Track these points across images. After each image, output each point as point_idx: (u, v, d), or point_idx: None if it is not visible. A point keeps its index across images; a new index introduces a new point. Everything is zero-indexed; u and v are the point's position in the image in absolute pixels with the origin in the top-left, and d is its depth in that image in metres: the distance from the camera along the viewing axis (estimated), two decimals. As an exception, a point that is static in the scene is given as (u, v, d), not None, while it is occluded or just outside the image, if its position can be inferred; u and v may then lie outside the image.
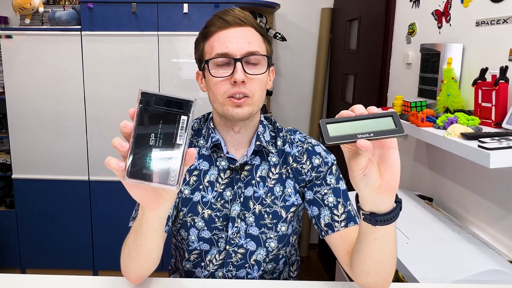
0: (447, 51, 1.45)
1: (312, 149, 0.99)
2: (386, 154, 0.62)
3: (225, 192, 0.96)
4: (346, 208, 0.93)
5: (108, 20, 2.37)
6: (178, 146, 0.53)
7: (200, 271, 1.00)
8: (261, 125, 0.98)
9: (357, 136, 0.57)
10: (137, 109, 0.53)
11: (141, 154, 0.52)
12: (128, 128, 0.53)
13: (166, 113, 0.53)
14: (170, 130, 0.53)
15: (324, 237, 0.93)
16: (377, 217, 0.67)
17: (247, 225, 0.96)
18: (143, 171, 0.52)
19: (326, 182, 0.96)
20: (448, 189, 1.55)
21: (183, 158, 0.53)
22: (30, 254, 2.65)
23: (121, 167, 0.53)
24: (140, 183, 0.53)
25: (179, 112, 0.53)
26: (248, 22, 0.90)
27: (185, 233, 0.98)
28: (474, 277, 1.05)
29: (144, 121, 0.53)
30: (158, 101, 0.53)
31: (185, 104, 0.53)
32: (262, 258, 0.97)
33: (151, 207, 0.63)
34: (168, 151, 0.53)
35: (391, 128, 0.58)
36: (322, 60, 2.89)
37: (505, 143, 1.00)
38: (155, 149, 0.53)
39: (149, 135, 0.53)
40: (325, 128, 0.57)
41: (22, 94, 2.46)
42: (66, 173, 2.53)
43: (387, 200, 0.66)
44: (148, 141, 0.53)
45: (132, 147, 0.52)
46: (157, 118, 0.53)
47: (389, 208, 0.67)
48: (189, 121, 0.53)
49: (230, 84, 0.87)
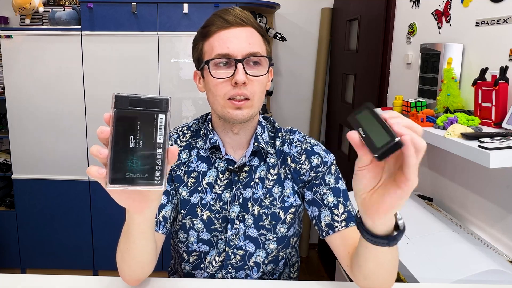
0: (447, 51, 1.45)
1: (311, 149, 0.98)
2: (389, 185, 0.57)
3: (224, 193, 0.96)
4: (346, 208, 0.92)
5: (108, 20, 2.37)
6: (159, 145, 0.52)
7: (200, 272, 0.99)
8: (259, 125, 0.97)
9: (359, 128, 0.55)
10: (112, 113, 0.52)
11: (122, 158, 0.51)
12: (105, 134, 0.51)
13: (143, 114, 0.52)
14: (149, 130, 0.52)
15: (324, 237, 0.92)
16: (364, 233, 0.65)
17: (246, 227, 0.95)
18: (126, 175, 0.51)
19: (325, 182, 0.95)
20: (448, 189, 1.55)
21: (166, 157, 0.52)
22: (30, 254, 2.65)
23: (101, 175, 0.51)
24: (124, 188, 0.51)
25: (156, 111, 0.52)
26: (249, 22, 0.89)
27: (183, 235, 0.97)
28: (474, 277, 1.05)
29: (121, 124, 0.51)
30: (133, 103, 0.52)
31: (161, 102, 0.52)
32: (261, 260, 0.97)
33: (138, 210, 0.61)
34: (150, 151, 0.52)
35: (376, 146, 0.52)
36: (322, 60, 2.89)
37: (505, 143, 1.00)
38: (135, 151, 0.51)
39: (127, 137, 0.51)
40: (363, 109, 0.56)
41: (22, 94, 2.46)
42: (66, 173, 2.53)
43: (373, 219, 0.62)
44: (128, 144, 0.51)
45: (111, 152, 0.51)
46: (135, 120, 0.51)
47: (379, 231, 0.64)
48: (167, 119, 0.52)
49: (231, 86, 0.86)
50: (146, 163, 0.51)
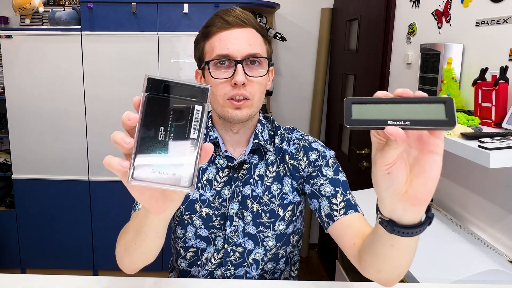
0: (447, 51, 1.45)
1: (309, 145, 0.99)
2: (423, 159, 0.50)
3: (223, 190, 0.97)
4: (345, 197, 0.91)
5: (108, 20, 2.37)
6: (192, 141, 0.45)
7: (197, 270, 1.00)
8: (259, 123, 0.98)
9: (387, 122, 0.45)
10: (142, 98, 0.44)
11: (149, 151, 0.44)
12: (133, 121, 0.44)
13: (178, 102, 0.45)
14: (183, 122, 0.45)
15: (327, 229, 0.91)
16: (395, 226, 0.57)
17: (245, 224, 0.96)
18: (151, 172, 0.44)
19: (322, 173, 0.95)
20: (448, 189, 1.55)
21: (198, 155, 0.45)
22: (30, 254, 2.65)
23: (124, 168, 0.45)
24: (148, 185, 0.45)
25: (192, 101, 0.45)
26: (250, 23, 0.90)
27: (181, 230, 0.98)
28: (474, 277, 1.05)
29: (151, 112, 0.44)
30: (167, 89, 0.45)
31: (200, 91, 0.45)
32: (260, 257, 0.97)
33: (158, 211, 0.54)
34: (181, 147, 0.45)
35: (439, 118, 0.44)
36: (322, 60, 2.89)
37: (505, 143, 1.00)
38: (165, 145, 0.44)
39: (157, 128, 0.44)
40: (349, 108, 0.47)
41: (22, 94, 2.46)
42: (66, 173, 2.53)
43: (411, 211, 0.54)
44: (157, 136, 0.44)
45: (137, 143, 0.44)
46: (167, 109, 0.44)
47: (413, 221, 0.56)
48: (204, 111, 0.45)
49: (231, 86, 0.87)
50: (175, 160, 0.45)
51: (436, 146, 0.49)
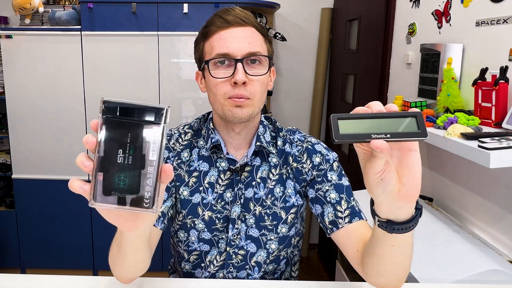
0: (447, 51, 1.45)
1: (312, 148, 0.98)
2: (405, 157, 0.56)
3: (225, 193, 0.95)
4: (349, 204, 0.91)
5: (108, 20, 2.37)
6: (151, 163, 0.45)
7: (200, 272, 0.99)
8: (261, 125, 0.97)
9: (371, 136, 0.51)
10: (100, 121, 0.45)
11: (109, 174, 0.45)
12: (90, 144, 0.45)
13: (135, 125, 0.45)
14: (141, 144, 0.45)
15: (330, 235, 0.91)
16: (395, 225, 0.62)
17: (248, 227, 0.95)
18: (111, 194, 0.45)
19: (327, 178, 0.94)
20: (448, 189, 1.55)
21: (158, 176, 0.46)
22: (30, 254, 2.65)
23: (85, 191, 0.46)
24: (109, 207, 0.45)
25: (150, 123, 0.45)
26: (249, 22, 0.89)
27: (184, 234, 0.97)
28: (474, 277, 1.05)
29: (109, 134, 0.45)
30: (124, 111, 0.45)
31: (157, 112, 0.45)
32: (262, 260, 0.97)
33: (129, 229, 0.55)
34: (140, 169, 0.45)
35: (413, 130, 0.51)
36: (322, 60, 2.89)
37: (505, 143, 1.00)
38: (124, 168, 0.45)
39: (116, 151, 0.45)
40: (336, 124, 0.52)
41: (22, 94, 2.46)
42: (66, 173, 2.53)
43: (406, 207, 0.60)
44: (116, 159, 0.44)
45: (97, 166, 0.45)
46: (125, 131, 0.45)
47: (408, 215, 0.61)
48: (163, 132, 0.45)
49: (231, 85, 0.86)
50: (135, 182, 0.45)
51: (413, 144, 0.55)
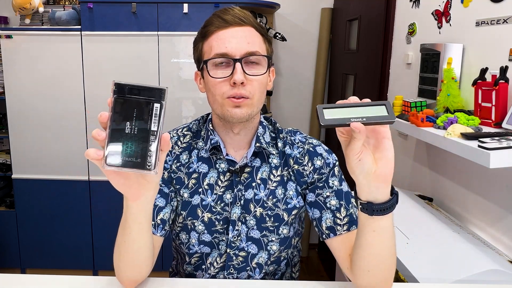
0: (447, 51, 1.45)
1: (313, 150, 0.97)
2: (379, 143, 0.67)
3: (225, 195, 0.95)
4: (348, 212, 0.92)
5: (108, 20, 2.37)
6: (153, 133, 0.55)
7: (201, 274, 0.99)
8: (260, 126, 0.96)
9: (350, 120, 0.62)
10: (112, 99, 0.55)
11: (118, 142, 0.55)
12: (103, 118, 0.55)
13: (140, 102, 0.55)
14: (144, 118, 0.55)
15: (325, 240, 0.92)
16: (374, 206, 0.70)
17: (248, 228, 0.95)
18: (120, 158, 0.55)
19: (329, 184, 0.94)
20: (448, 189, 1.55)
21: (159, 144, 0.56)
22: (30, 254, 2.65)
23: (99, 156, 0.55)
24: (119, 169, 0.55)
25: (151, 100, 0.55)
26: (248, 22, 0.88)
27: (185, 236, 0.97)
28: (474, 277, 1.05)
29: (119, 110, 0.55)
30: (131, 91, 0.55)
31: (158, 92, 0.56)
32: (263, 261, 0.96)
33: (133, 197, 0.65)
34: (144, 138, 0.55)
35: (383, 114, 0.63)
36: (322, 60, 2.89)
37: (505, 143, 1.00)
38: (131, 136, 0.55)
39: (124, 123, 0.55)
40: (321, 112, 0.63)
41: (22, 94, 2.46)
42: (66, 173, 2.53)
43: (382, 187, 0.69)
44: (124, 129, 0.55)
45: (108, 136, 0.55)
46: (132, 107, 0.55)
47: (385, 198, 0.70)
48: (162, 108, 0.56)
49: (229, 85, 0.85)
50: (139, 149, 0.55)
51: (386, 133, 0.66)
